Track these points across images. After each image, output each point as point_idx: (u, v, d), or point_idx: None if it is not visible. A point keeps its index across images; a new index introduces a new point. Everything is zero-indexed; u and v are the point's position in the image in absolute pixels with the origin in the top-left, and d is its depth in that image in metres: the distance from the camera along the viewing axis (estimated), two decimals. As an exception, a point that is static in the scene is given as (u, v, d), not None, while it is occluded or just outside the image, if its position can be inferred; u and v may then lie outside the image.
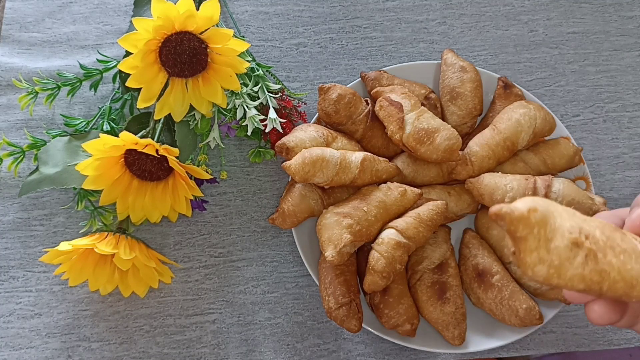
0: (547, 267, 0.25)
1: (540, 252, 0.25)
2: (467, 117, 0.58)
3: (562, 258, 0.25)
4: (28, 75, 0.63)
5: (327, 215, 0.50)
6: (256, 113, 0.53)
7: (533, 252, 0.25)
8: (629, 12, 0.70)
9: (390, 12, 0.69)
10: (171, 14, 0.46)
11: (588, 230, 0.25)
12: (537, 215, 0.24)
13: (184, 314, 0.55)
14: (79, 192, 0.55)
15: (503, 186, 0.51)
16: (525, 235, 0.24)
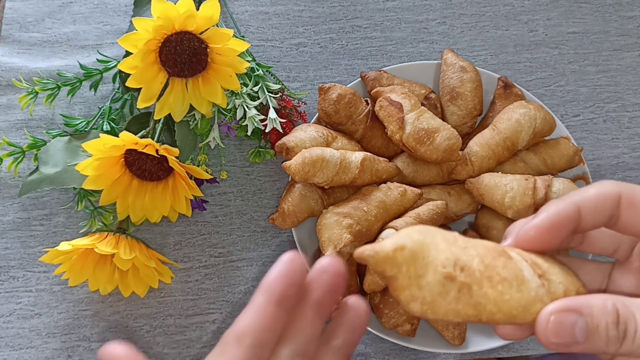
0: (420, 304, 0.24)
1: (411, 290, 0.24)
2: (467, 117, 0.58)
3: (434, 294, 0.24)
4: (28, 75, 0.63)
5: (327, 215, 0.50)
6: (256, 113, 0.53)
7: (405, 290, 0.24)
8: (629, 12, 0.70)
9: (390, 12, 0.69)
10: (171, 14, 0.46)
11: (465, 261, 0.25)
12: (405, 253, 0.24)
13: (184, 314, 0.55)
14: (79, 192, 0.55)
15: (503, 186, 0.51)
16: (394, 274, 0.24)
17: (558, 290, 0.26)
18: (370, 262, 0.24)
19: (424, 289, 0.24)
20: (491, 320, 0.25)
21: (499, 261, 0.25)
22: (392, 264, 0.24)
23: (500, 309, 0.25)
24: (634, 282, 0.29)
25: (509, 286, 0.25)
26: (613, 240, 0.30)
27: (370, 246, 0.24)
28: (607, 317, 0.24)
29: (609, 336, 0.24)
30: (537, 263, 0.26)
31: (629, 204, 0.27)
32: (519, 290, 0.25)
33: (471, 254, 0.25)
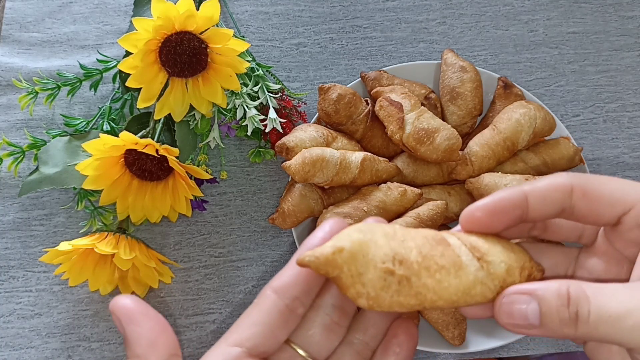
0: (365, 299, 0.25)
1: (356, 287, 0.25)
2: (467, 117, 0.58)
3: (377, 289, 0.25)
4: (28, 75, 0.63)
5: (327, 215, 0.50)
6: (256, 113, 0.53)
7: (349, 288, 0.25)
8: (629, 12, 0.70)
9: (390, 12, 0.69)
10: (171, 14, 0.46)
11: (403, 254, 0.26)
12: (344, 255, 0.25)
13: (184, 314, 0.55)
14: (79, 192, 0.55)
15: (503, 186, 0.51)
16: (337, 275, 0.25)
17: (499, 269, 0.27)
18: (312, 267, 0.25)
19: (367, 286, 0.25)
20: (435, 307, 0.26)
21: (436, 250, 0.26)
22: (333, 266, 0.25)
23: (440, 297, 0.26)
24: (602, 266, 0.30)
25: (446, 273, 0.26)
26: (576, 226, 0.31)
27: (311, 252, 0.25)
28: (558, 300, 0.25)
29: (560, 318, 0.25)
30: (476, 246, 0.27)
31: (582, 194, 0.27)
32: (457, 276, 0.26)
33: (409, 247, 0.26)
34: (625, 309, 0.23)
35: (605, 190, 0.27)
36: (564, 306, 0.25)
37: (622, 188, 0.27)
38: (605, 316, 0.24)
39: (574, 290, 0.25)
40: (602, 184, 0.28)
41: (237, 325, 0.28)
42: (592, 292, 0.25)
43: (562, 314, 0.25)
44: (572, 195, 0.27)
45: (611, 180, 0.28)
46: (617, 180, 0.28)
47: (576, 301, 0.24)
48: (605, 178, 0.28)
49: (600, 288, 0.25)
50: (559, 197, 0.28)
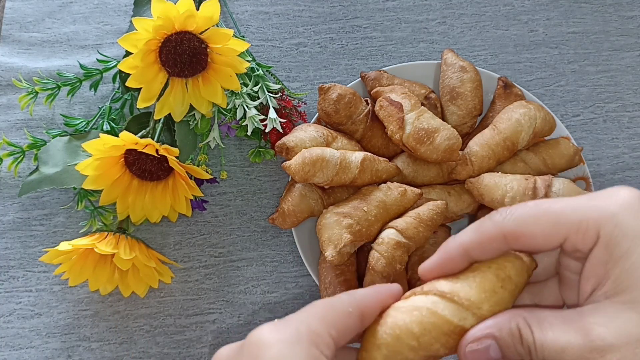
0: None
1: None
2: (467, 117, 0.58)
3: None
4: (28, 75, 0.63)
5: (327, 215, 0.50)
6: (256, 113, 0.53)
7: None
8: (629, 12, 0.70)
9: (390, 12, 0.69)
10: (171, 14, 0.46)
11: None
12: None
13: (184, 314, 0.55)
14: (79, 192, 0.55)
15: (503, 186, 0.51)
16: None
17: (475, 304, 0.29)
18: None
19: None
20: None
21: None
22: None
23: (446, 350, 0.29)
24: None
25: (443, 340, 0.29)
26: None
27: None
28: (512, 338, 0.28)
29: (518, 352, 0.28)
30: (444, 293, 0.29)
31: (515, 239, 0.29)
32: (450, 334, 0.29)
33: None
34: (560, 347, 0.26)
35: (537, 229, 0.29)
36: (518, 343, 0.28)
37: (554, 221, 0.28)
38: (547, 351, 0.27)
39: (523, 327, 0.28)
40: (535, 221, 0.29)
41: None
42: (535, 327, 0.28)
43: (519, 349, 0.28)
44: (507, 241, 0.29)
45: (545, 213, 0.29)
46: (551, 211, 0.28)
47: (525, 338, 0.27)
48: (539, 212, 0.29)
49: (540, 322, 0.28)
50: (496, 246, 0.30)
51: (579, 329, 0.26)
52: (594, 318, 0.26)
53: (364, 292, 0.31)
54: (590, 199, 0.28)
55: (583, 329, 0.26)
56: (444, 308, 0.29)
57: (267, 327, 0.28)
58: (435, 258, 0.31)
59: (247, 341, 0.28)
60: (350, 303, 0.29)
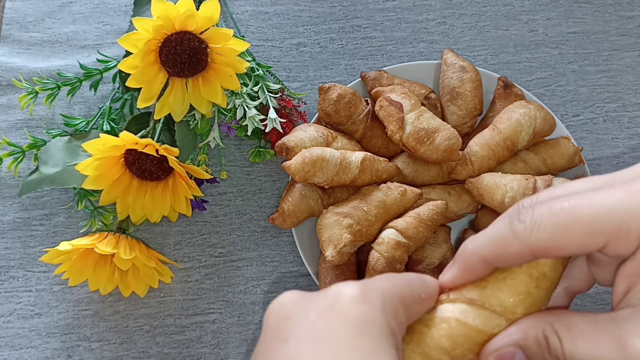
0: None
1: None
2: (467, 117, 0.58)
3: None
4: (28, 75, 0.63)
5: (327, 215, 0.50)
6: (256, 113, 0.53)
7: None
8: (629, 12, 0.70)
9: (390, 12, 0.69)
10: (171, 14, 0.46)
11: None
12: None
13: (184, 314, 0.55)
14: (79, 192, 0.55)
15: (503, 186, 0.51)
16: None
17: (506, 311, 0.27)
18: None
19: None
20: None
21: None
22: None
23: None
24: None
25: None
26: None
27: None
28: (539, 346, 0.26)
29: (545, 359, 0.26)
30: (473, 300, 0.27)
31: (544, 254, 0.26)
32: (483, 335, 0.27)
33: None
34: (593, 359, 0.24)
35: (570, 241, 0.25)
36: (545, 352, 0.26)
37: (589, 230, 0.24)
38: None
39: (550, 335, 0.26)
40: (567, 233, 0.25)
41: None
42: (563, 335, 0.25)
43: (546, 357, 0.26)
44: (534, 255, 0.26)
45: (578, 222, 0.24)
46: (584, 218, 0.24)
47: (554, 347, 0.26)
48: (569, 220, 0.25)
49: (570, 330, 0.25)
50: (521, 260, 0.27)
51: (613, 338, 0.24)
52: (630, 327, 0.24)
53: (433, 281, 0.29)
54: (625, 195, 0.24)
55: (618, 340, 0.24)
56: (474, 318, 0.26)
57: (353, 285, 0.25)
58: (455, 270, 0.28)
59: (327, 291, 0.25)
60: (424, 290, 0.27)
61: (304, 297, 0.26)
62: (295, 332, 0.24)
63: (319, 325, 0.24)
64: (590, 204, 0.24)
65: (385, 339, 0.24)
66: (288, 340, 0.24)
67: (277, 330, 0.25)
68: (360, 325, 0.24)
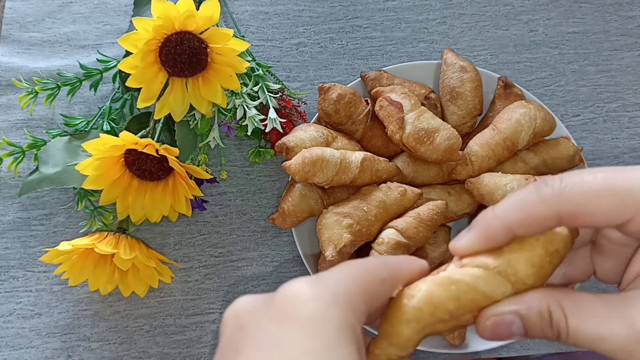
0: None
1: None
2: (467, 117, 0.58)
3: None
4: (28, 75, 0.63)
5: (327, 215, 0.50)
6: (256, 113, 0.53)
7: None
8: (629, 12, 0.70)
9: (390, 12, 0.69)
10: (171, 14, 0.46)
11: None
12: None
13: (184, 313, 0.55)
14: (79, 192, 0.55)
15: (503, 186, 0.51)
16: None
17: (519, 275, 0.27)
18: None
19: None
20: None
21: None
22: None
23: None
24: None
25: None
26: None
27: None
28: (541, 319, 0.26)
29: (544, 333, 0.26)
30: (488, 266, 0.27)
31: (571, 219, 0.25)
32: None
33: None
34: (599, 336, 0.24)
35: (599, 209, 0.25)
36: (547, 326, 0.26)
37: (620, 200, 0.24)
38: (581, 338, 0.25)
39: (555, 310, 0.25)
40: (597, 199, 0.25)
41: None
42: (569, 311, 0.25)
43: (546, 331, 0.26)
44: (560, 221, 0.26)
45: (609, 190, 0.24)
46: (615, 188, 0.24)
47: (557, 322, 0.25)
48: (601, 188, 0.25)
49: (577, 307, 0.25)
50: (548, 225, 0.26)
51: (622, 317, 0.24)
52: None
53: (396, 259, 0.28)
54: None
55: (628, 318, 0.24)
56: (485, 284, 0.26)
57: (303, 282, 0.25)
58: (473, 235, 0.27)
59: (278, 294, 0.25)
60: (385, 269, 0.27)
61: (258, 303, 0.25)
62: (247, 341, 0.24)
63: (270, 332, 0.23)
64: (625, 176, 0.24)
65: (341, 335, 0.23)
66: (240, 350, 0.24)
67: (231, 341, 0.25)
68: (312, 326, 0.23)
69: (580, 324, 0.25)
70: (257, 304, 0.25)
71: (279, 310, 0.24)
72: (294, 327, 0.23)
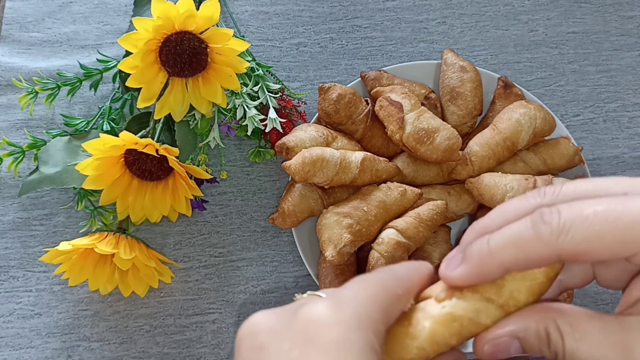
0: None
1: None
2: (467, 117, 0.58)
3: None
4: (28, 75, 0.63)
5: (327, 215, 0.50)
6: (256, 113, 0.53)
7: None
8: (629, 12, 0.70)
9: (390, 12, 0.69)
10: (171, 14, 0.46)
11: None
12: None
13: (184, 313, 0.55)
14: (79, 192, 0.55)
15: (503, 186, 0.51)
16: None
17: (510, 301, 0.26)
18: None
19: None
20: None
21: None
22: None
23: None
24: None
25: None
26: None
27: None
28: (539, 341, 0.25)
29: (542, 353, 0.26)
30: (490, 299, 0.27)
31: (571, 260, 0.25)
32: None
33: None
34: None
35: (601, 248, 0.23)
36: (545, 346, 0.25)
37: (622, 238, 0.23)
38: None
39: (553, 332, 0.25)
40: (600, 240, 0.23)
41: None
42: (566, 333, 0.25)
43: (543, 351, 0.25)
44: (560, 261, 0.25)
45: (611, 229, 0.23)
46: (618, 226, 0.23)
47: (555, 343, 0.25)
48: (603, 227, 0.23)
49: (573, 328, 0.25)
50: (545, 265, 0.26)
51: (618, 343, 0.23)
52: (638, 334, 0.23)
53: (406, 271, 0.28)
54: None
55: (623, 345, 0.23)
56: (487, 316, 0.26)
57: (324, 305, 0.24)
58: (467, 270, 0.26)
59: (299, 315, 0.24)
60: (399, 284, 0.26)
61: (276, 322, 0.25)
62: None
63: (293, 355, 0.23)
64: (627, 209, 0.23)
65: (364, 358, 0.23)
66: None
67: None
68: (336, 351, 0.23)
69: (576, 347, 0.24)
70: (276, 323, 0.25)
71: (302, 333, 0.24)
72: (317, 351, 0.23)
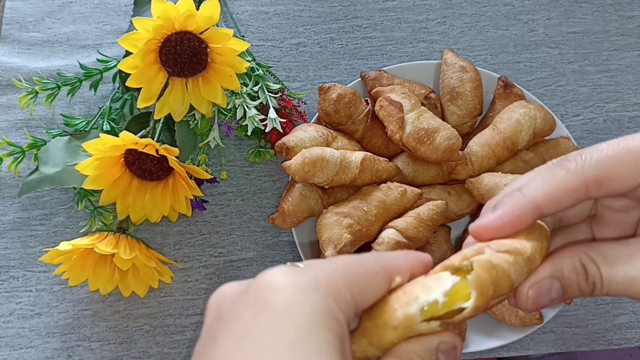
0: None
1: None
2: (467, 117, 0.58)
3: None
4: (28, 75, 0.63)
5: (327, 215, 0.50)
6: (256, 113, 0.53)
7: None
8: (629, 12, 0.70)
9: (390, 12, 0.69)
10: (171, 14, 0.46)
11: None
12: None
13: (184, 313, 0.55)
14: (79, 192, 0.55)
15: (503, 186, 0.51)
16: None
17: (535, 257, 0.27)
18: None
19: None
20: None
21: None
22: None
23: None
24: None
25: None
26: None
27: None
28: (577, 275, 0.26)
29: (581, 289, 0.26)
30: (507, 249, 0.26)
31: (598, 186, 0.26)
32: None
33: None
34: (630, 278, 0.25)
35: (622, 171, 0.27)
36: (583, 280, 0.26)
37: (636, 159, 0.27)
38: (614, 285, 0.26)
39: (588, 264, 0.26)
40: (619, 162, 0.27)
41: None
42: (600, 261, 0.26)
43: (582, 286, 0.26)
44: (588, 191, 0.26)
45: (627, 152, 0.27)
46: (631, 149, 0.27)
47: (592, 274, 0.26)
48: (618, 151, 0.27)
49: (605, 255, 0.26)
50: (576, 197, 0.26)
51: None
52: None
53: (392, 254, 0.27)
54: None
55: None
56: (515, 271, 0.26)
57: (281, 270, 0.24)
58: (502, 214, 0.26)
59: (255, 281, 0.24)
60: (377, 263, 0.25)
61: (237, 289, 0.24)
62: (224, 330, 0.23)
63: (245, 320, 0.23)
64: (635, 140, 0.27)
65: (317, 322, 0.22)
66: (217, 339, 0.23)
67: (210, 329, 0.24)
68: (285, 313, 0.22)
69: (612, 271, 0.25)
70: (236, 290, 0.24)
71: (254, 297, 0.23)
72: (267, 315, 0.22)
